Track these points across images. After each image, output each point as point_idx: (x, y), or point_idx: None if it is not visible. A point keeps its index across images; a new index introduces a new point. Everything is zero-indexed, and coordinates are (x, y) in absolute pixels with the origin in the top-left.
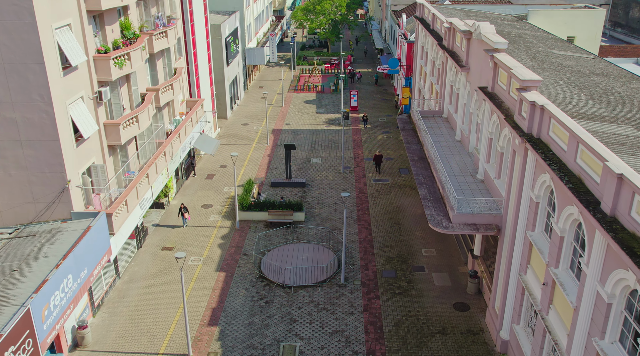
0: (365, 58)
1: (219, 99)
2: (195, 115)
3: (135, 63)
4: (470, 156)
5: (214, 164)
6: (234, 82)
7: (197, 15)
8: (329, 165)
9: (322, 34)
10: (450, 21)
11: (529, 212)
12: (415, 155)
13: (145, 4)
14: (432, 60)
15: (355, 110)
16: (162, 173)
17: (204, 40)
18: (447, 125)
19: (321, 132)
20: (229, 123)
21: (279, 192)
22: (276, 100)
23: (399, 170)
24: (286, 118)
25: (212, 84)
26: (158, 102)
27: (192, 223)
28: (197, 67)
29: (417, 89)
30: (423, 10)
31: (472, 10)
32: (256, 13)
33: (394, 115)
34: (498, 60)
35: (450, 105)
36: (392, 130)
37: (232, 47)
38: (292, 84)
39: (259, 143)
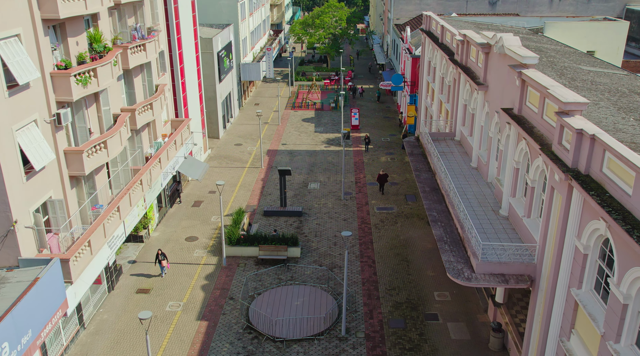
0: (370, 74)
1: (210, 118)
2: (180, 136)
3: (104, 80)
4: (490, 187)
5: (202, 190)
6: (228, 99)
7: (185, 27)
8: (328, 191)
9: (321, 49)
10: (464, 33)
11: (573, 265)
12: (426, 185)
13: (120, 14)
14: (441, 76)
15: (356, 129)
16: (139, 204)
17: (193, 54)
18: (460, 150)
19: (320, 153)
20: (221, 143)
21: (273, 223)
22: (272, 118)
23: (405, 197)
24: (282, 138)
25: (202, 101)
26: (134, 124)
27: (174, 260)
28: (185, 83)
29: (424, 107)
30: (430, 22)
31: (483, 22)
32: (252, 27)
33: (398, 135)
34: (528, 77)
35: (463, 127)
36: (396, 151)
37: (225, 62)
38: (290, 101)
39: (252, 166)
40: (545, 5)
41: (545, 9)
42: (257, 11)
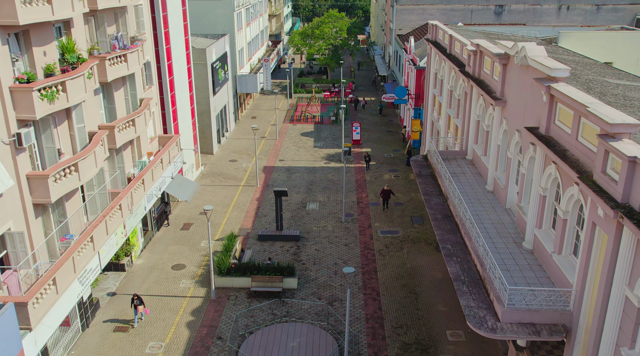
0: (372, 87)
1: (204, 132)
2: (168, 154)
3: (76, 95)
4: (509, 214)
5: (192, 211)
6: (222, 112)
7: (176, 37)
8: (327, 212)
9: (321, 60)
10: (478, 43)
11: (624, 319)
12: (437, 211)
13: (99, 21)
14: (450, 89)
15: (357, 143)
16: (117, 232)
17: (184, 65)
18: (473, 170)
19: (319, 170)
20: (215, 159)
21: (268, 248)
22: (270, 133)
23: (411, 219)
24: (280, 154)
25: (194, 115)
26: (113, 142)
27: (158, 292)
28: (174, 96)
29: (430, 121)
30: (437, 32)
31: (493, 32)
32: (249, 37)
33: (402, 150)
34: (559, 93)
35: (476, 145)
36: (400, 168)
37: (219, 74)
38: (288, 114)
39: (247, 184)
40: (553, 15)
41: (553, 19)
42: (254, 21)
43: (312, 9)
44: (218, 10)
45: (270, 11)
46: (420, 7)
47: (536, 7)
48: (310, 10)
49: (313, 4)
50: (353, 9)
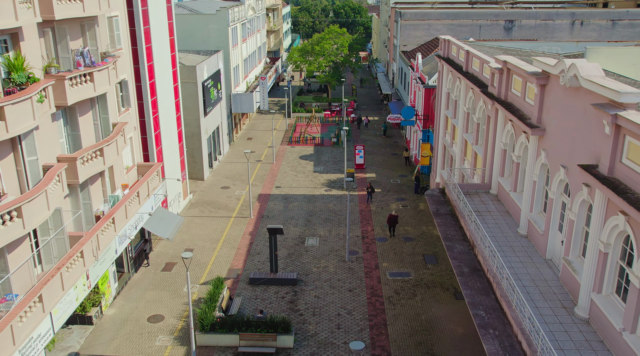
0: (375, 105)
1: (193, 157)
2: (147, 186)
3: (20, 122)
4: (552, 267)
5: (176, 247)
6: (215, 134)
7: (160, 53)
8: (329, 249)
9: (321, 78)
10: (505, 60)
11: None
12: (463, 263)
13: (60, 34)
14: (466, 111)
15: (361, 168)
16: (78, 285)
17: (171, 84)
18: (499, 208)
19: (319, 198)
20: (206, 186)
21: (260, 294)
22: (266, 156)
23: (423, 258)
24: (277, 179)
25: (181, 139)
26: (75, 177)
27: (129, 352)
28: (158, 119)
29: (441, 145)
30: (449, 48)
31: (510, 48)
32: (246, 53)
33: (409, 176)
34: (630, 123)
35: (503, 178)
36: (408, 197)
37: (212, 93)
38: (287, 135)
39: (239, 215)
40: (566, 30)
41: (566, 35)
42: (251, 37)
43: (312, 25)
44: (211, 25)
45: (269, 27)
46: (426, 23)
47: (548, 22)
48: (310, 27)
49: (313, 20)
50: (354, 25)
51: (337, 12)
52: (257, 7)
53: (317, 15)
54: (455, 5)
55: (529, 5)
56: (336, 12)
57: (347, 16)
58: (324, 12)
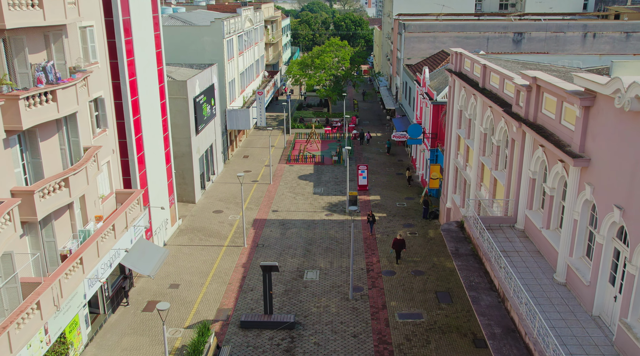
0: (384, 125)
1: (184, 178)
2: (125, 217)
3: None
4: (601, 326)
5: (160, 282)
6: (208, 153)
7: (145, 67)
8: (330, 285)
9: (321, 92)
10: (535, 76)
11: None
12: (493, 321)
13: (18, 46)
14: (483, 132)
15: (364, 190)
16: (34, 341)
17: (157, 101)
18: (528, 246)
19: (320, 224)
20: (197, 209)
21: (252, 341)
22: (263, 176)
23: (436, 296)
24: (274, 202)
25: (169, 160)
26: (32, 213)
27: None
28: (141, 140)
29: (453, 167)
30: (461, 61)
31: (529, 61)
32: (242, 67)
33: (416, 198)
34: None
35: (531, 211)
36: (416, 222)
37: (204, 110)
38: (285, 153)
39: (232, 244)
40: (577, 43)
41: (578, 48)
42: (248, 50)
43: (312, 38)
44: (205, 37)
45: (267, 39)
46: (431, 35)
47: (559, 34)
48: (310, 40)
49: (313, 33)
50: (355, 38)
51: (338, 25)
52: (254, 19)
53: (317, 28)
54: (461, 17)
55: (538, 17)
56: (337, 24)
57: (348, 29)
58: (324, 25)
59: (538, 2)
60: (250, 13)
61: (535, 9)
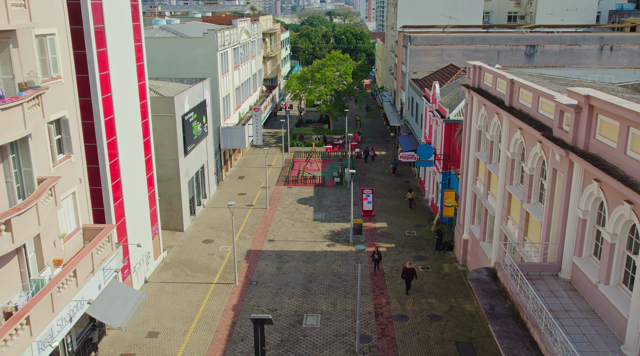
0: (388, 142)
1: (171, 204)
2: (90, 259)
3: None
4: None
5: (137, 330)
6: (199, 175)
7: (123, 82)
8: (333, 333)
9: (322, 108)
10: (588, 94)
11: None
12: None
13: None
14: (510, 157)
15: (369, 215)
16: None
17: (138, 120)
18: (579, 303)
19: (321, 256)
20: (185, 239)
21: None
22: (259, 199)
23: (456, 348)
24: (270, 230)
25: (152, 185)
26: None
27: None
28: (117, 165)
29: (470, 194)
30: (481, 76)
31: (556, 76)
32: (238, 82)
33: (427, 226)
34: None
35: (582, 259)
36: (429, 255)
37: (194, 128)
38: (283, 173)
39: (222, 280)
40: (594, 56)
41: (594, 61)
42: (245, 63)
43: (312, 51)
44: (198, 49)
45: (265, 53)
46: (438, 48)
47: (574, 47)
48: (310, 53)
49: (313, 47)
50: (356, 52)
51: (339, 38)
52: (251, 31)
53: (317, 41)
54: (468, 30)
55: (551, 29)
56: (337, 38)
57: (349, 42)
58: (324, 38)
59: (549, 14)
60: (247, 25)
61: (546, 21)
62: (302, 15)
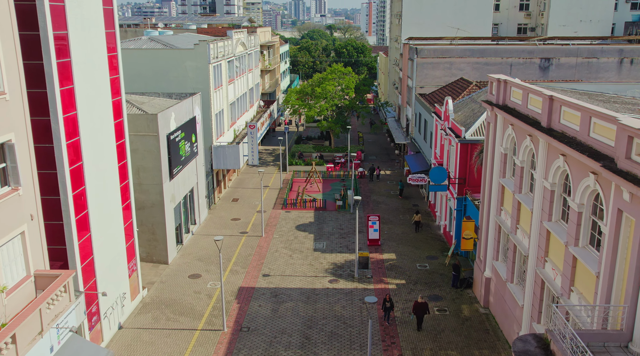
0: (393, 161)
1: (154, 234)
2: (38, 317)
3: None
4: None
5: None
6: (188, 199)
7: (91, 98)
8: None
9: (323, 125)
10: None
11: None
12: None
13: None
14: (550, 188)
15: (376, 244)
16: None
17: (112, 142)
18: None
19: (322, 294)
20: (170, 273)
21: None
22: (254, 225)
23: None
24: (265, 262)
25: (129, 216)
26: None
27: None
28: (84, 194)
29: (494, 226)
30: (507, 91)
31: (590, 91)
32: (233, 96)
33: (441, 258)
34: None
35: None
36: (444, 293)
37: (182, 148)
38: (281, 195)
39: (208, 326)
40: (613, 70)
41: (613, 75)
42: (240, 77)
43: (312, 65)
44: (188, 62)
45: (263, 66)
46: (447, 61)
47: (591, 60)
48: (310, 67)
49: (314, 60)
50: (357, 66)
51: (339, 52)
52: (248, 43)
53: (317, 54)
54: (477, 42)
55: (566, 42)
56: (338, 51)
57: (350, 56)
58: (325, 52)
59: (561, 26)
60: (244, 36)
61: (559, 33)
62: (302, 29)
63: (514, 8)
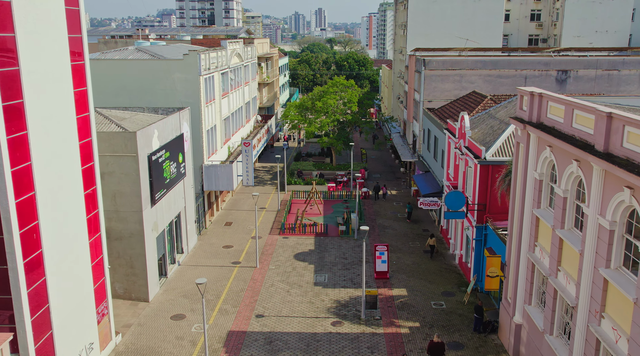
0: (399, 180)
1: (132, 267)
2: None
3: None
4: None
5: None
6: (174, 226)
7: (47, 115)
8: None
9: (323, 141)
10: None
11: None
12: None
13: None
14: (608, 228)
15: (384, 277)
16: None
17: (77, 166)
18: None
19: (324, 341)
20: (150, 313)
21: None
22: (247, 254)
23: None
24: (259, 300)
25: (99, 252)
26: None
27: None
28: (37, 231)
29: (526, 264)
30: (542, 107)
31: (631, 106)
32: (227, 111)
33: (458, 294)
34: None
35: None
36: (465, 339)
37: (166, 170)
38: (279, 217)
39: None
40: (635, 83)
41: (635, 88)
42: (236, 90)
43: (312, 78)
44: (177, 73)
45: (261, 78)
46: (457, 73)
47: (612, 72)
48: (310, 80)
49: (314, 74)
50: (359, 79)
51: (340, 65)
52: (244, 55)
53: (318, 68)
54: (488, 54)
55: (582, 53)
56: (339, 64)
57: (351, 69)
58: (325, 65)
59: (576, 36)
60: (240, 47)
61: (573, 44)
62: (303, 43)
63: (524, 18)
